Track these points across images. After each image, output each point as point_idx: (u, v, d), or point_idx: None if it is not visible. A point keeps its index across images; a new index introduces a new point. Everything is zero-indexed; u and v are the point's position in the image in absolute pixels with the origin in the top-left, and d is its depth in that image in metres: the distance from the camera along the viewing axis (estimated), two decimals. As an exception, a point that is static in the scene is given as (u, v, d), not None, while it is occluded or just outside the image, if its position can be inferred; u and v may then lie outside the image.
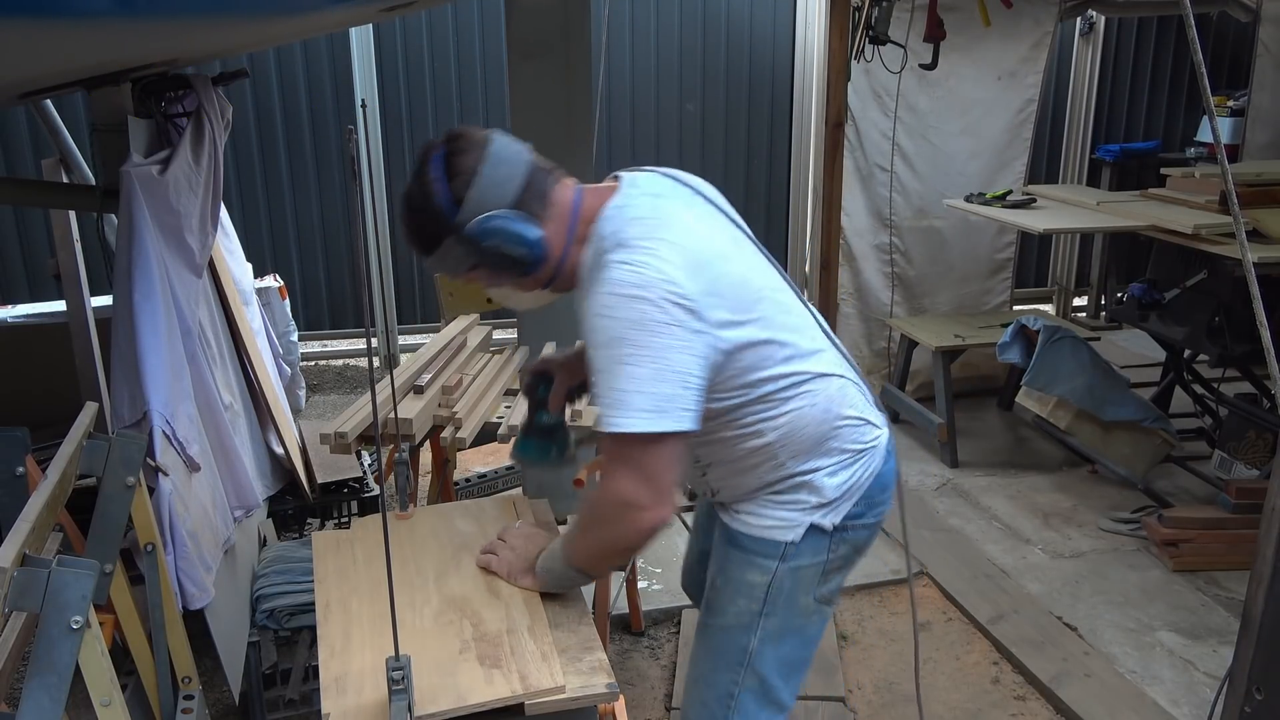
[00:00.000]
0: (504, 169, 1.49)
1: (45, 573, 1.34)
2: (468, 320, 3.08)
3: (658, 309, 1.38)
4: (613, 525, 1.48)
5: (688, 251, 1.44)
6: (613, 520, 1.47)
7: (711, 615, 1.68)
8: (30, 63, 1.60)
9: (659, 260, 1.40)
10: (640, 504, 1.43)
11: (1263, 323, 1.38)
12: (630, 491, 1.42)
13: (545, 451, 1.87)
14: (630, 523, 1.45)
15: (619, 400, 1.38)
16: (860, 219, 4.61)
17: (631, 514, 1.44)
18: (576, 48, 3.21)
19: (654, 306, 1.38)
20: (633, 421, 1.37)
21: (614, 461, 1.44)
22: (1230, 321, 3.59)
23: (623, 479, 1.43)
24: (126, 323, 2.17)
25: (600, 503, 1.49)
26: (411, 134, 5.22)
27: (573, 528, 1.59)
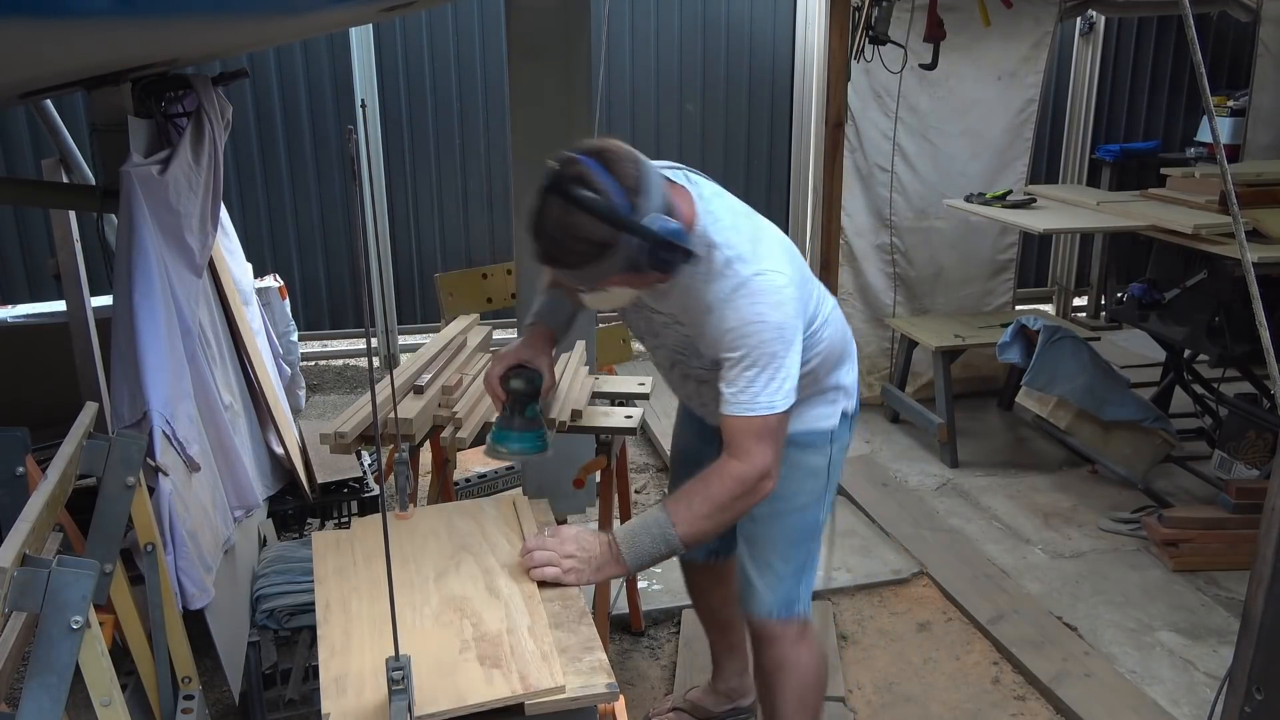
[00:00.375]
0: (654, 175, 1.62)
1: (45, 573, 1.34)
2: (468, 320, 3.08)
3: (792, 312, 1.70)
4: (751, 496, 1.70)
5: (785, 249, 1.77)
6: (753, 490, 1.69)
7: (780, 502, 1.90)
8: (30, 63, 1.60)
9: (781, 266, 1.71)
10: (773, 473, 1.70)
11: (1262, 323, 1.38)
12: (770, 460, 1.69)
13: (537, 441, 1.91)
14: (761, 490, 1.71)
15: (774, 388, 1.66)
16: (861, 219, 4.61)
17: (766, 483, 1.70)
18: (576, 48, 3.21)
19: (790, 311, 1.69)
20: (783, 402, 1.68)
21: (757, 439, 1.67)
22: (1230, 321, 3.59)
23: (765, 450, 1.68)
24: (126, 323, 2.17)
25: (744, 475, 1.68)
26: (411, 134, 5.22)
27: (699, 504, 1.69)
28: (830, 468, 2.00)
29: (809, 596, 2.06)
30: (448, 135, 5.27)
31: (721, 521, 1.73)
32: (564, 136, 3.27)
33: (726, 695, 2.57)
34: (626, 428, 2.42)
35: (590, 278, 1.62)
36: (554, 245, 1.57)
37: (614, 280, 1.63)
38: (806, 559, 2.02)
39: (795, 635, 2.04)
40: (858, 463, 4.15)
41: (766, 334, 1.66)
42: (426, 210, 5.36)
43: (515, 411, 1.90)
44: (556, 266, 1.62)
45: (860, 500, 3.81)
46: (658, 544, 1.69)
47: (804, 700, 2.07)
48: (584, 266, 1.58)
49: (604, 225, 1.54)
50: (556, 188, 1.54)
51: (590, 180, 1.54)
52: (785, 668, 2.05)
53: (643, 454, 4.28)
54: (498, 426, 1.92)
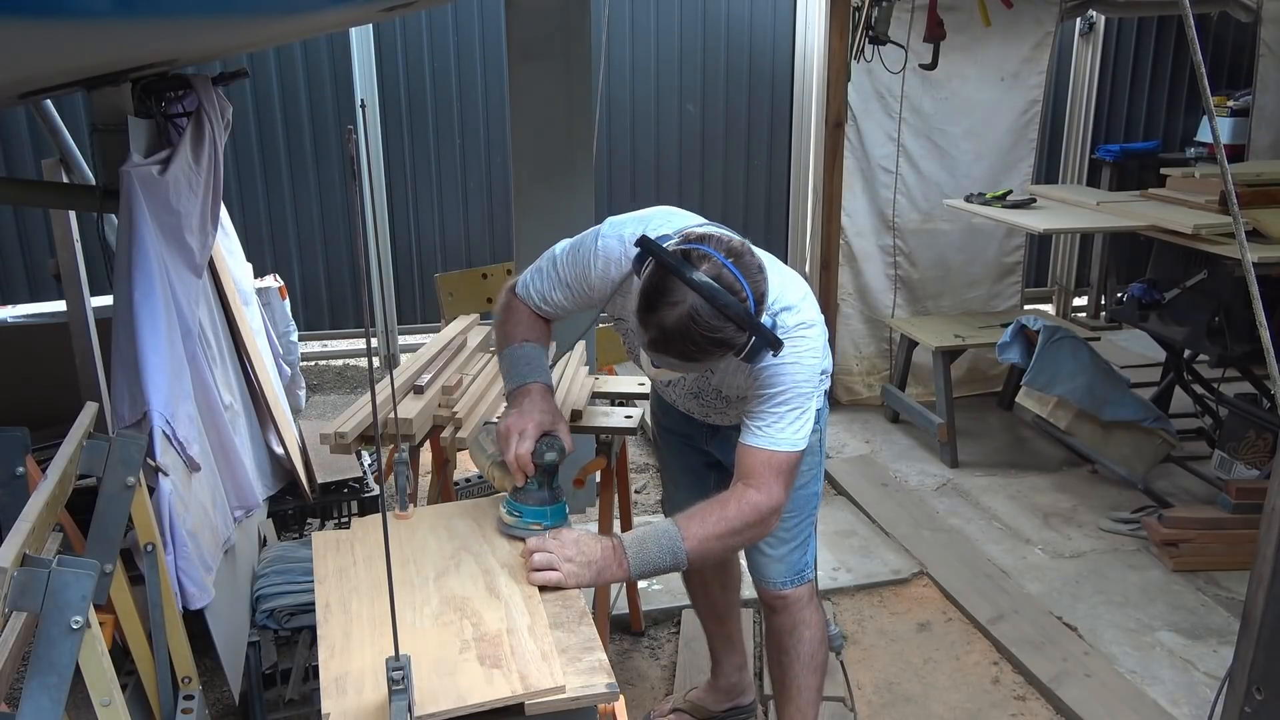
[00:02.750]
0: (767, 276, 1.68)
1: (45, 573, 1.34)
2: (468, 320, 3.08)
3: (820, 358, 1.79)
4: (761, 528, 1.76)
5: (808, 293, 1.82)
6: (764, 523, 1.75)
7: None
8: (30, 63, 1.60)
9: (814, 315, 1.79)
10: (781, 510, 1.77)
11: (1262, 323, 1.38)
12: (783, 499, 1.75)
13: (564, 512, 1.79)
14: (769, 526, 1.77)
15: (799, 426, 1.74)
16: (862, 220, 4.61)
17: (774, 519, 1.76)
18: (576, 48, 3.21)
19: (820, 358, 1.80)
20: (802, 441, 1.76)
21: (776, 474, 1.74)
22: (1230, 321, 3.59)
23: (780, 489, 1.74)
24: (126, 323, 2.17)
25: (761, 506, 1.73)
26: (411, 134, 5.22)
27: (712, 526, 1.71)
28: (820, 444, 2.12)
29: (814, 560, 2.20)
30: (448, 135, 5.27)
31: (729, 546, 1.77)
32: (564, 137, 3.28)
33: (726, 692, 2.58)
34: (626, 428, 2.42)
35: (696, 369, 1.71)
36: (687, 343, 1.56)
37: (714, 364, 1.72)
38: (810, 530, 2.16)
39: (807, 597, 2.17)
40: (858, 463, 4.15)
41: (801, 376, 1.74)
42: (426, 210, 5.36)
43: (545, 484, 1.77)
44: (673, 358, 1.61)
45: (860, 500, 3.81)
46: (664, 555, 1.69)
47: (814, 657, 2.19)
48: (703, 361, 1.62)
49: (740, 332, 1.58)
50: (697, 285, 1.53)
51: (732, 285, 1.56)
52: (798, 629, 2.18)
53: (643, 454, 4.27)
54: (525, 503, 1.77)
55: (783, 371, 1.73)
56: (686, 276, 1.54)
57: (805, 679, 2.19)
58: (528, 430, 1.76)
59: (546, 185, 3.27)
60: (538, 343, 1.93)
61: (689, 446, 2.26)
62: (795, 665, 2.19)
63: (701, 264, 1.55)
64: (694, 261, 1.55)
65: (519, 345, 1.91)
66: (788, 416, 1.74)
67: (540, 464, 1.75)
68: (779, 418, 1.74)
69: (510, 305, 1.97)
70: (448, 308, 3.75)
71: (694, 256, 1.56)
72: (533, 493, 1.77)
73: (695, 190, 5.59)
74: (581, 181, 3.31)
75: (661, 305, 1.55)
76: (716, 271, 1.55)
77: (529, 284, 1.94)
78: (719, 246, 1.59)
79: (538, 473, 1.76)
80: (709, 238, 1.61)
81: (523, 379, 1.87)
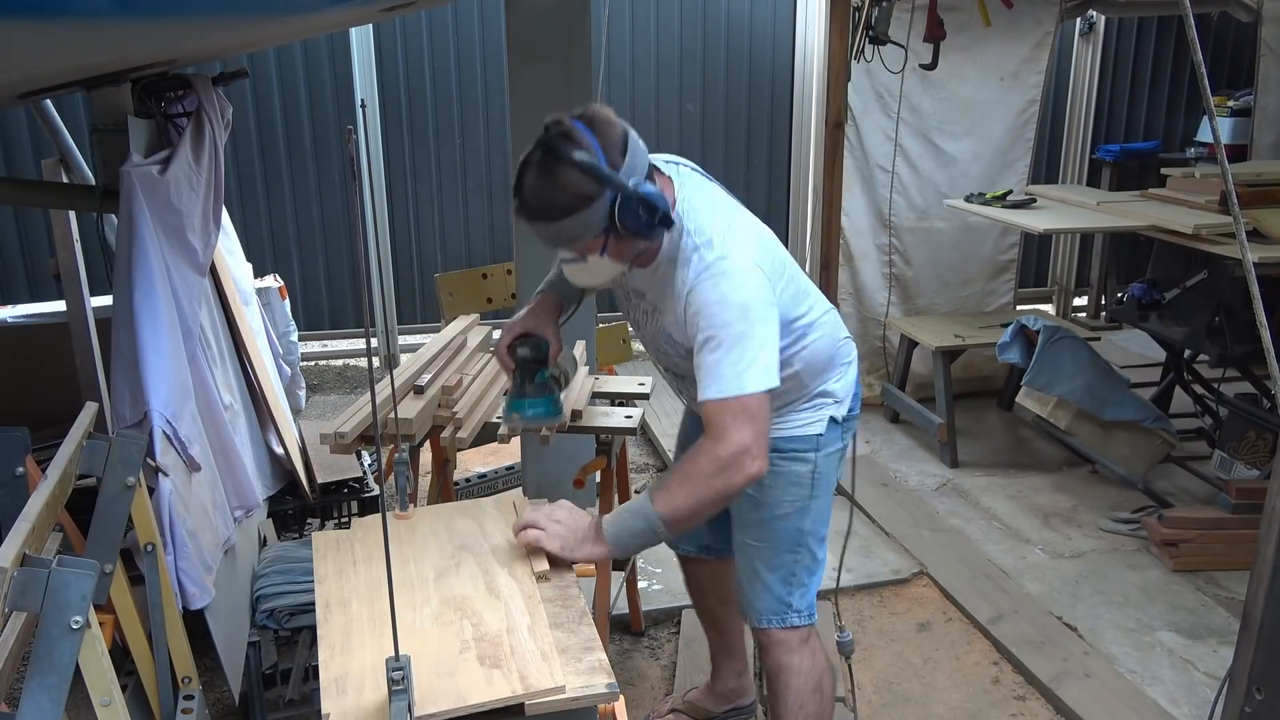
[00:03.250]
0: (639, 145, 1.68)
1: (45, 573, 1.34)
2: (468, 320, 3.08)
3: (759, 291, 1.70)
4: (729, 473, 1.67)
5: (756, 239, 1.79)
6: (730, 468, 1.67)
7: (763, 510, 1.97)
8: (30, 63, 1.60)
9: (749, 250, 1.74)
10: (754, 452, 1.67)
11: (1263, 323, 1.38)
12: (749, 439, 1.66)
13: (550, 406, 1.93)
14: (742, 469, 1.67)
15: (743, 366, 1.66)
16: (860, 219, 4.61)
17: (746, 460, 1.67)
18: (577, 49, 3.21)
19: (757, 290, 1.70)
20: (757, 382, 1.66)
21: (732, 418, 1.66)
22: (1230, 321, 3.59)
23: (742, 429, 1.66)
24: (127, 323, 2.17)
25: (719, 454, 1.67)
26: (411, 134, 5.22)
27: (676, 483, 1.71)
28: (815, 475, 1.97)
29: (809, 605, 2.05)
30: (448, 135, 5.27)
31: (700, 499, 1.70)
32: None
33: (725, 696, 2.57)
34: (626, 428, 2.42)
35: (569, 234, 1.65)
36: (535, 196, 1.62)
37: (593, 244, 1.67)
38: (796, 568, 2.01)
39: (795, 642, 2.05)
40: (858, 463, 4.13)
41: (729, 314, 1.68)
42: (426, 210, 5.36)
43: (526, 379, 1.92)
44: (536, 220, 1.65)
45: (860, 500, 3.80)
46: (636, 519, 1.70)
47: (802, 707, 2.07)
48: (562, 219, 1.62)
49: (584, 177, 1.59)
50: (542, 143, 1.61)
51: (575, 136, 1.60)
52: (783, 674, 2.07)
53: (643, 454, 4.27)
54: (511, 396, 1.94)
55: (706, 312, 1.69)
56: (538, 140, 1.61)
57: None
58: (513, 329, 1.92)
59: (546, 185, 3.26)
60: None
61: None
62: (782, 710, 2.09)
63: (553, 127, 1.62)
64: (548, 127, 1.62)
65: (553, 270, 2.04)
66: (725, 360, 1.66)
67: (516, 359, 1.91)
68: (716, 363, 1.67)
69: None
70: (448, 308, 3.75)
71: (548, 122, 1.62)
72: (515, 387, 1.94)
73: (695, 190, 5.58)
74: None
75: (517, 170, 1.64)
76: (562, 128, 1.61)
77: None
78: (580, 114, 1.64)
79: (517, 368, 1.92)
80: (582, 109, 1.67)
81: (540, 288, 2.03)
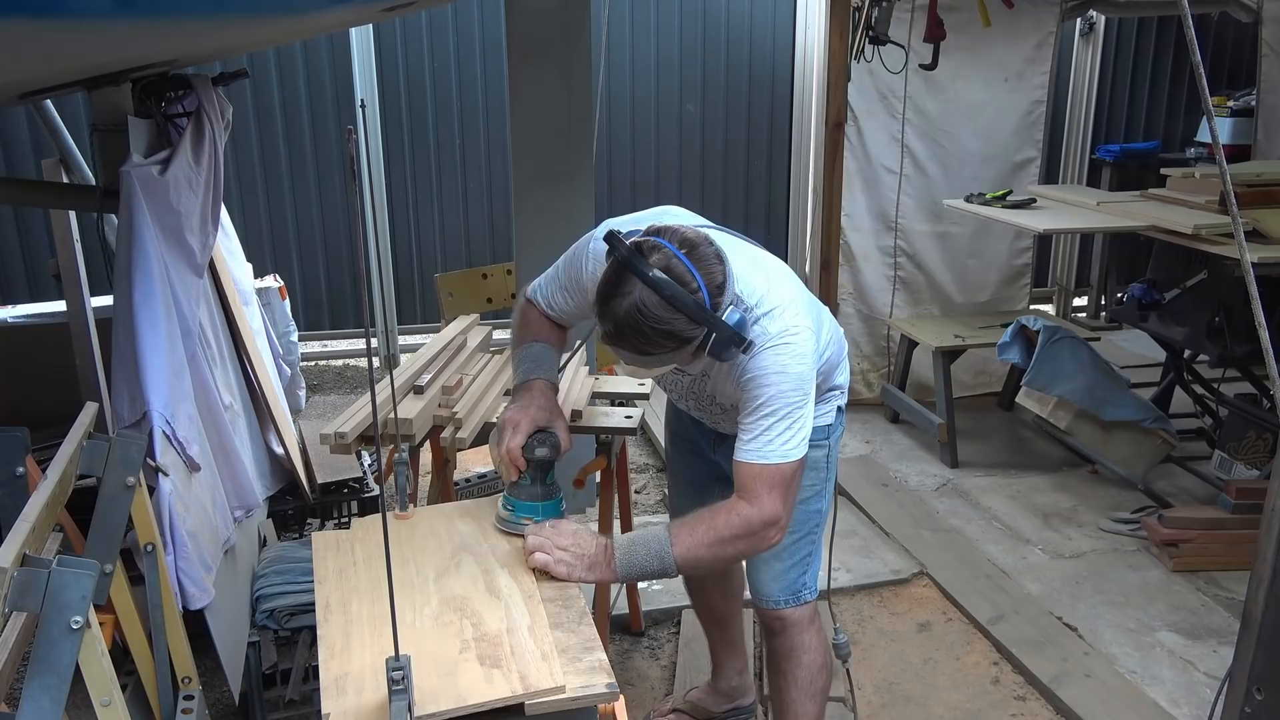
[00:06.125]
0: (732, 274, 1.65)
1: (45, 573, 1.34)
2: (468, 320, 3.08)
3: (811, 364, 1.73)
4: (754, 540, 1.70)
5: (798, 291, 1.80)
6: (756, 535, 1.70)
7: None
8: (30, 63, 1.60)
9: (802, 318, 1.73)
10: (781, 524, 1.71)
11: (1262, 323, 1.38)
12: (780, 511, 1.69)
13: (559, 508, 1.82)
14: (766, 540, 1.71)
15: (789, 435, 1.69)
16: (861, 220, 4.60)
17: (773, 532, 1.71)
18: (577, 48, 3.21)
19: (810, 363, 1.73)
20: (798, 450, 1.70)
21: (769, 487, 1.68)
22: (1230, 321, 3.59)
23: (776, 500, 1.69)
24: (126, 323, 2.17)
25: (750, 519, 1.69)
26: (411, 134, 5.22)
27: (702, 533, 1.70)
28: (828, 459, 2.07)
29: (814, 579, 2.13)
30: (448, 135, 5.27)
31: (720, 556, 1.73)
32: (564, 137, 3.28)
33: (726, 695, 2.57)
34: (626, 428, 2.42)
35: (655, 363, 1.64)
36: (635, 336, 1.57)
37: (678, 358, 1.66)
38: (812, 549, 2.08)
39: (806, 620, 2.11)
40: (858, 463, 4.15)
41: (787, 385, 1.68)
42: (426, 210, 5.36)
43: (537, 480, 1.80)
44: (628, 351, 1.61)
45: (860, 500, 3.80)
46: (651, 560, 1.70)
47: (813, 683, 2.13)
48: (657, 355, 1.60)
49: (690, 324, 1.56)
50: (646, 277, 1.53)
51: (682, 276, 1.55)
52: (795, 653, 2.11)
53: (643, 454, 4.27)
54: (518, 498, 1.80)
55: (766, 380, 1.69)
56: (636, 268, 1.54)
57: (803, 705, 2.12)
58: (521, 425, 1.79)
59: (546, 185, 3.27)
60: (547, 342, 1.96)
61: (697, 455, 2.24)
62: (792, 690, 2.12)
63: (652, 255, 1.56)
64: (645, 253, 1.56)
65: (529, 344, 1.95)
66: (776, 428, 1.68)
67: (531, 459, 1.78)
68: (767, 429, 1.69)
69: (524, 308, 2.02)
70: (448, 308, 3.75)
71: (645, 248, 1.56)
72: (525, 488, 1.80)
73: (695, 190, 5.59)
74: (581, 181, 3.31)
75: (612, 298, 1.56)
76: (666, 262, 1.55)
77: (539, 288, 2.00)
78: (673, 238, 1.59)
79: (530, 468, 1.78)
80: (666, 230, 1.61)
81: (526, 375, 1.91)
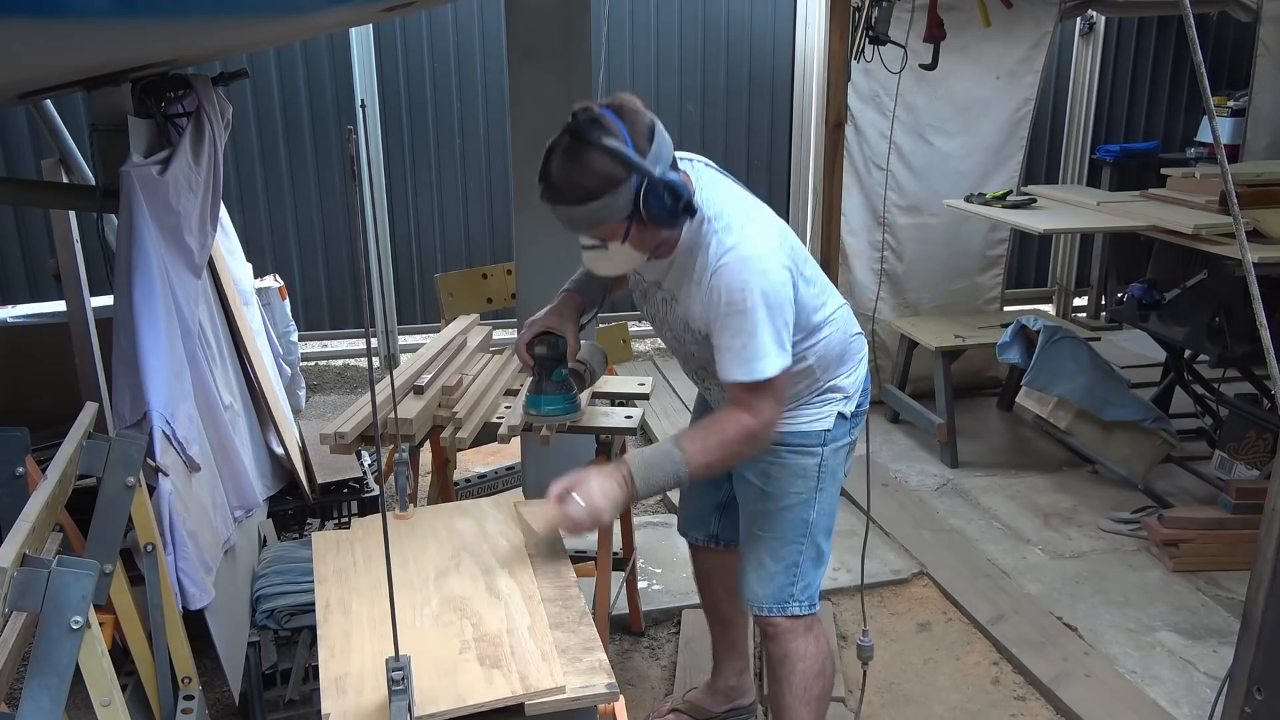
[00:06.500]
0: (666, 138, 1.72)
1: (45, 573, 1.34)
2: (468, 320, 3.08)
3: (779, 275, 1.75)
4: (756, 442, 1.82)
5: (778, 229, 1.84)
6: (758, 438, 1.81)
7: (769, 501, 2.03)
8: (30, 63, 1.60)
9: (769, 235, 1.78)
10: (775, 423, 1.83)
11: (1262, 323, 1.38)
12: (773, 414, 1.80)
13: (567, 403, 2.01)
14: (766, 438, 1.83)
15: (764, 350, 1.73)
16: (856, 218, 4.60)
17: (770, 431, 1.82)
18: (577, 48, 3.21)
19: (777, 275, 1.75)
20: (777, 364, 1.75)
21: (759, 396, 1.77)
22: (1230, 322, 3.59)
23: (769, 407, 1.79)
24: (126, 323, 2.17)
25: (751, 426, 1.79)
26: (411, 134, 5.22)
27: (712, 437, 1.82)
28: (821, 469, 2.03)
29: (812, 594, 2.10)
30: (448, 135, 5.27)
31: (725, 459, 1.85)
32: (564, 136, 3.28)
33: (725, 694, 2.57)
34: (626, 428, 2.42)
35: (594, 218, 1.68)
36: (562, 179, 1.65)
37: (616, 229, 1.70)
38: (799, 558, 2.06)
39: (800, 629, 2.10)
40: (858, 462, 4.13)
41: (751, 300, 1.72)
42: (426, 210, 5.36)
43: (544, 376, 1.99)
44: (560, 203, 1.68)
45: (860, 500, 3.80)
46: (669, 478, 1.81)
47: (808, 689, 2.13)
48: (588, 202, 1.65)
49: (612, 162, 1.63)
50: (571, 128, 1.64)
51: (604, 122, 1.64)
52: (790, 659, 2.11)
53: (643, 454, 4.27)
54: (529, 393, 2.02)
55: (729, 297, 1.73)
56: (566, 125, 1.65)
57: (798, 711, 2.13)
58: (535, 326, 1.98)
59: (546, 185, 3.27)
60: (592, 278, 2.05)
61: None
62: (788, 696, 2.13)
63: (582, 113, 1.65)
64: (576, 114, 1.66)
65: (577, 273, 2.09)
66: (752, 344, 1.73)
67: (532, 356, 1.97)
68: (743, 346, 1.74)
69: None
70: (448, 308, 3.75)
71: (579, 109, 1.66)
72: (533, 385, 2.02)
73: (695, 190, 5.58)
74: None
75: (548, 155, 1.67)
76: (591, 115, 1.65)
77: None
78: (610, 102, 1.69)
79: (536, 365, 1.99)
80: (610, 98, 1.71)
81: (564, 287, 2.08)
